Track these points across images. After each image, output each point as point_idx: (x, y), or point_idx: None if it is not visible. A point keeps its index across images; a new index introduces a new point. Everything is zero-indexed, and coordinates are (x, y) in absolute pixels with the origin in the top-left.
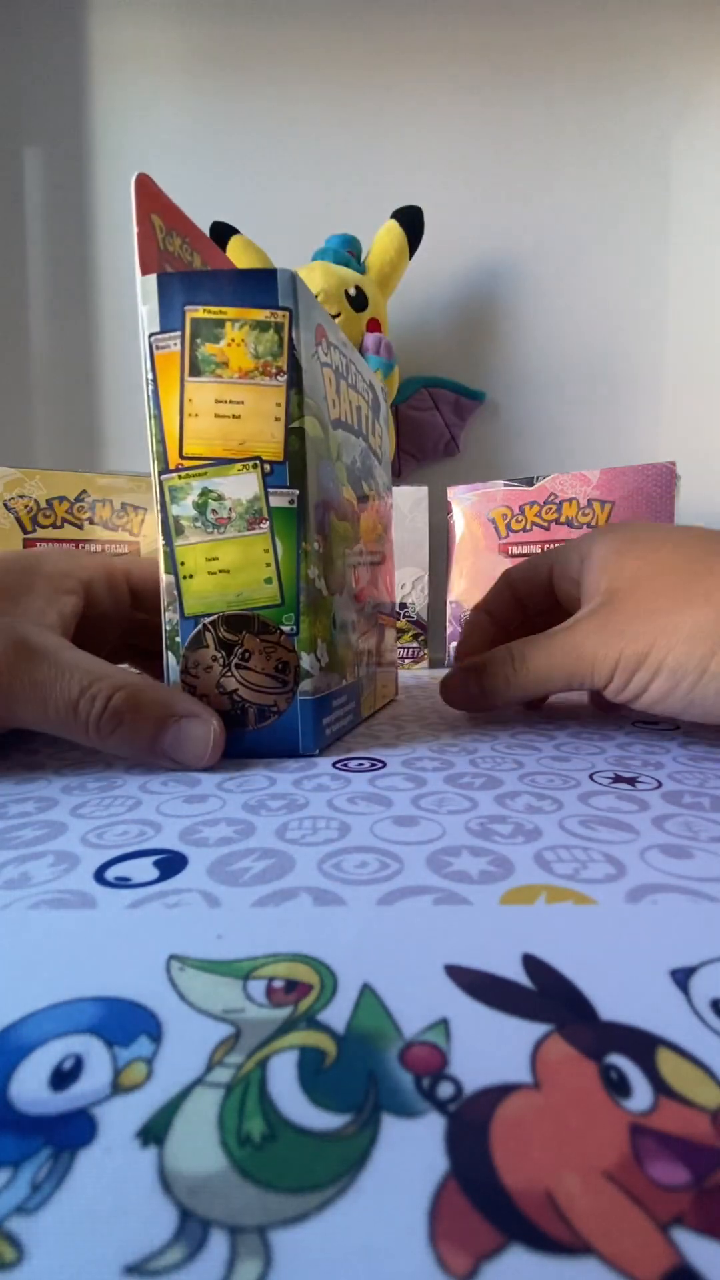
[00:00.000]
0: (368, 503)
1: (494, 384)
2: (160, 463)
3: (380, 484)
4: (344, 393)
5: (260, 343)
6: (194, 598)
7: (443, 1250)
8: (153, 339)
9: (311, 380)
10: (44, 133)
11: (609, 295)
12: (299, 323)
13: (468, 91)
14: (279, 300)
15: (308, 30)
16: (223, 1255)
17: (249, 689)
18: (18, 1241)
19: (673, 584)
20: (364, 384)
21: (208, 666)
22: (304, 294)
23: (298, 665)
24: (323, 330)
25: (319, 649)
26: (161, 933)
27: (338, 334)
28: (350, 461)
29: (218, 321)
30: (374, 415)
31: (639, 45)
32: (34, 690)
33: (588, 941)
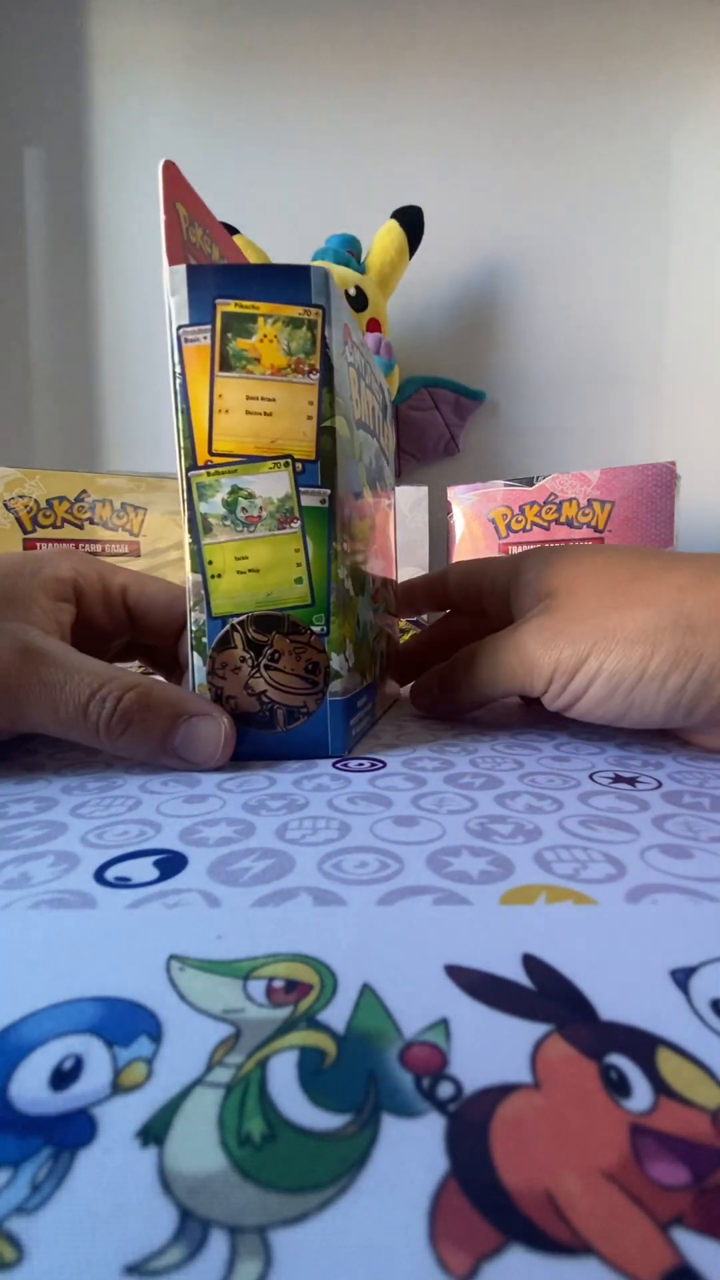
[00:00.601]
0: (379, 503)
1: (494, 384)
2: (188, 459)
3: (389, 484)
4: (363, 393)
5: (294, 339)
6: (222, 597)
7: (443, 1250)
8: (181, 331)
9: (340, 379)
10: (44, 133)
11: (609, 295)
12: (330, 321)
13: (468, 91)
14: (313, 297)
15: (308, 30)
16: (223, 1255)
17: (278, 690)
18: (18, 1241)
19: (609, 587)
20: (377, 384)
21: (235, 667)
22: (334, 292)
23: (328, 666)
24: (348, 330)
25: (347, 650)
26: (161, 933)
27: (358, 333)
28: (368, 462)
29: (250, 316)
30: (383, 415)
31: (639, 44)
32: (43, 692)
33: (588, 941)
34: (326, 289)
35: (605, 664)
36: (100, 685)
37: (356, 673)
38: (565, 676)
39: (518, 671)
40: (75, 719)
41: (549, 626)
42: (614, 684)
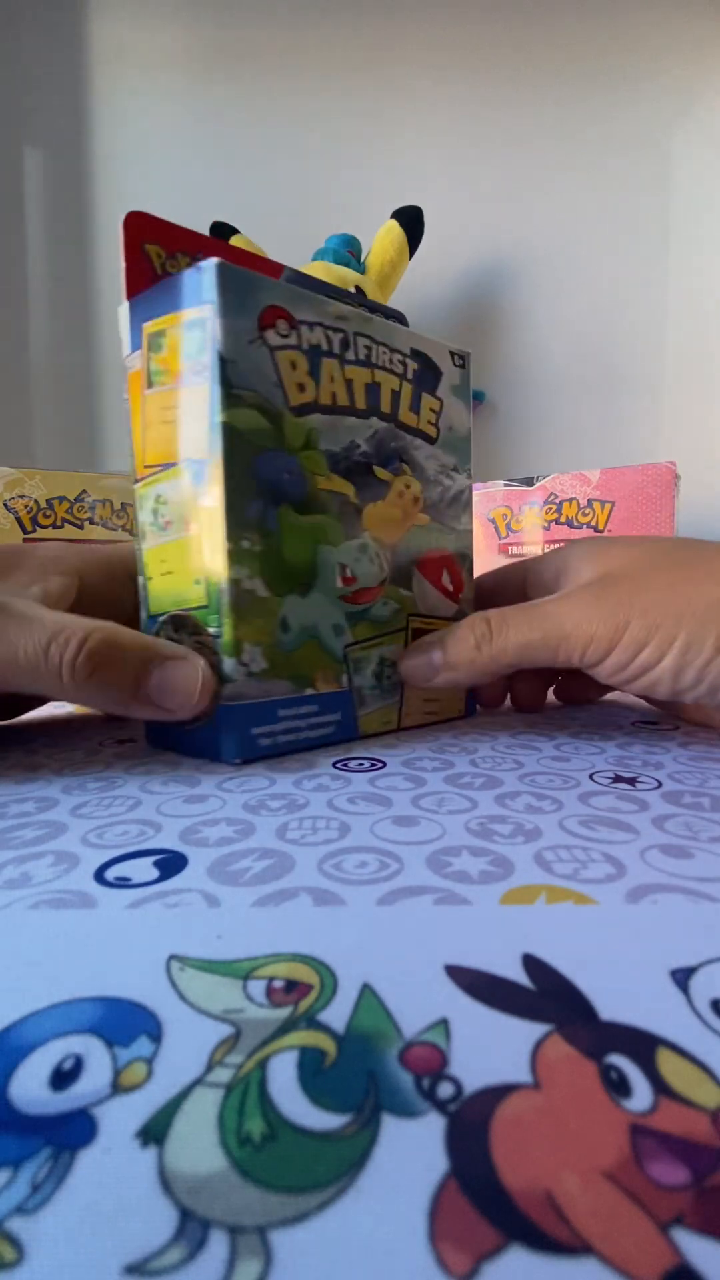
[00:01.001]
0: (386, 490)
1: (494, 384)
2: (132, 474)
3: (428, 469)
4: (331, 372)
5: (190, 342)
6: (153, 598)
7: (443, 1250)
8: (126, 361)
9: (249, 369)
10: (44, 133)
11: (609, 295)
12: (228, 312)
13: (468, 92)
14: (203, 296)
15: (308, 30)
16: (223, 1255)
17: None
18: (18, 1241)
19: (670, 565)
20: (395, 356)
21: None
22: (238, 280)
23: (220, 669)
24: (280, 311)
25: (247, 653)
26: (161, 933)
27: (323, 309)
28: (342, 447)
29: (162, 331)
30: (419, 388)
31: (639, 45)
32: (4, 645)
33: (588, 941)
34: (220, 281)
35: (680, 637)
36: (61, 629)
37: (277, 679)
38: (631, 648)
39: (566, 638)
40: (36, 662)
41: (613, 596)
42: (687, 658)
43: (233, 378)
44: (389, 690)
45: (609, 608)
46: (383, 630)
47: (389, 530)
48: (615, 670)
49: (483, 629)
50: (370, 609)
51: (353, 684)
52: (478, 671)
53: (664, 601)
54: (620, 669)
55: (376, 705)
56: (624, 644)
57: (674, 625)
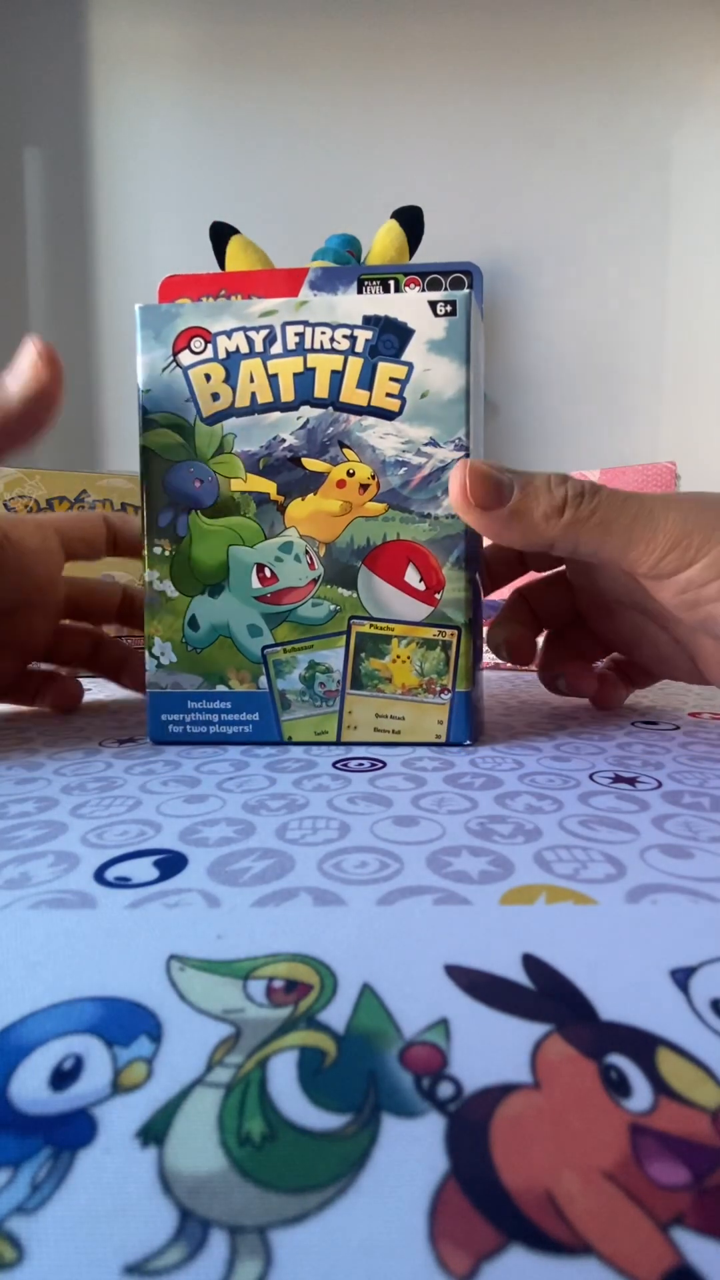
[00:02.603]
0: (319, 481)
1: (494, 384)
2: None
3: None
4: (249, 374)
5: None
6: None
7: (443, 1250)
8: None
9: (162, 394)
10: (44, 133)
11: (609, 295)
12: (146, 348)
13: (468, 92)
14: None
15: (308, 30)
16: (223, 1255)
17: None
18: (18, 1241)
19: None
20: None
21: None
22: (157, 316)
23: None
24: (195, 331)
25: (157, 647)
26: (161, 933)
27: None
28: (260, 445)
29: None
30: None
31: (639, 46)
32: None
33: (588, 941)
34: (140, 324)
35: None
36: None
37: (186, 673)
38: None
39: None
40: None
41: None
42: None
43: (148, 405)
44: (323, 698)
45: (710, 518)
46: (313, 633)
47: (323, 526)
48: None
49: (574, 489)
50: (296, 609)
51: (274, 686)
52: (542, 534)
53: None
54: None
55: (305, 712)
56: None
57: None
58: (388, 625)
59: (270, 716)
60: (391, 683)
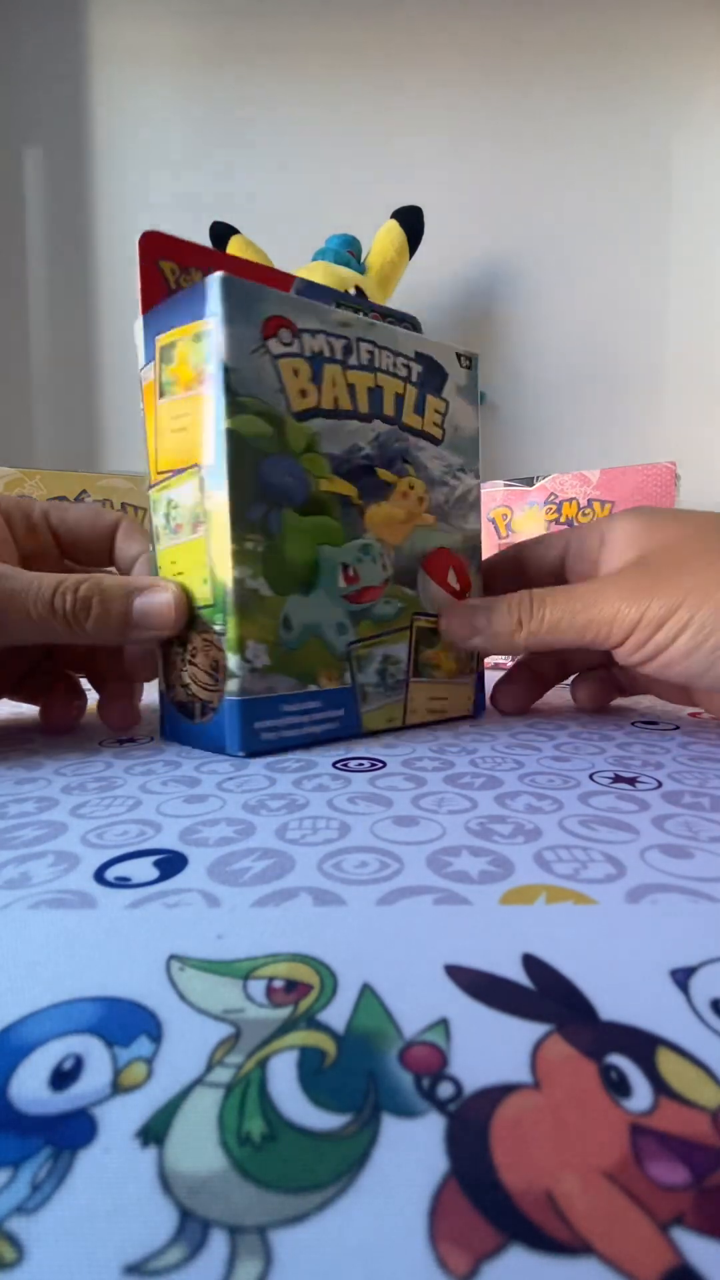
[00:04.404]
0: (390, 491)
1: (495, 384)
2: (147, 480)
3: (433, 469)
4: (334, 377)
5: (196, 354)
6: None
7: (443, 1250)
8: (140, 373)
9: (251, 377)
10: (44, 133)
11: (609, 295)
12: (232, 322)
13: (468, 92)
14: (207, 308)
15: (308, 30)
16: (223, 1255)
17: (196, 684)
18: (18, 1241)
19: (702, 550)
20: (398, 359)
21: (173, 661)
22: (242, 293)
23: (225, 665)
24: (282, 321)
25: (250, 650)
26: (161, 933)
27: (326, 316)
28: (344, 450)
29: (172, 343)
30: (425, 391)
31: (639, 46)
32: (12, 600)
33: (588, 941)
34: (223, 293)
35: (696, 617)
36: (59, 583)
37: (280, 674)
38: (650, 628)
39: (595, 621)
40: (46, 615)
41: (642, 580)
42: (702, 637)
43: (236, 386)
44: (393, 688)
45: (637, 592)
46: (386, 629)
47: (392, 530)
48: (633, 650)
49: (525, 604)
50: (373, 608)
51: (356, 681)
52: (515, 644)
53: (688, 585)
54: (636, 650)
55: (380, 702)
56: (643, 625)
57: (692, 607)
58: (435, 620)
59: (353, 710)
60: (440, 669)
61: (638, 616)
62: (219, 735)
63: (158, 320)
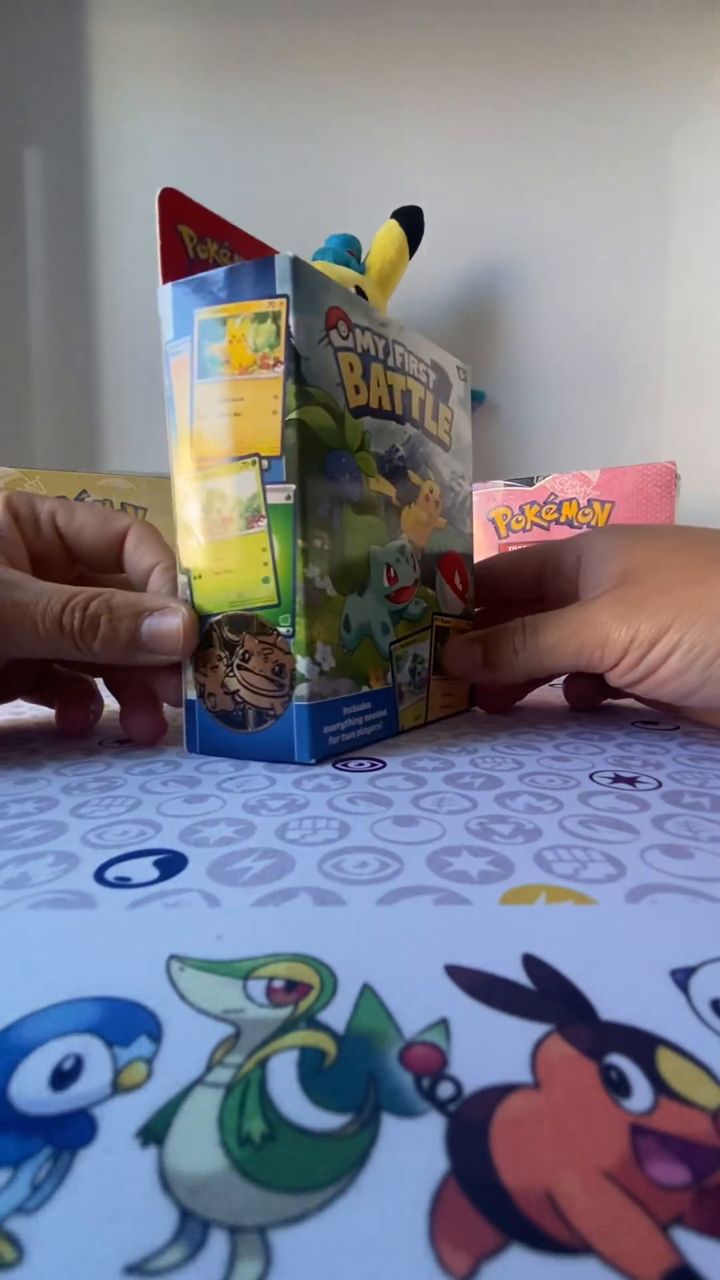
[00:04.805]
0: (417, 495)
1: (494, 384)
2: (175, 467)
3: (445, 474)
4: (378, 377)
5: (259, 335)
6: (202, 597)
7: (443, 1250)
8: (168, 346)
9: (318, 367)
10: (44, 133)
11: (609, 295)
12: (301, 308)
13: (468, 92)
14: (276, 288)
15: (308, 30)
16: (223, 1255)
17: (248, 690)
18: (18, 1241)
19: (687, 564)
20: (421, 365)
21: (214, 666)
22: (311, 278)
23: (294, 668)
24: (340, 313)
25: (319, 652)
26: (161, 933)
27: (372, 315)
28: (385, 450)
29: (220, 319)
30: (438, 398)
31: (639, 45)
32: (20, 613)
33: (588, 941)
34: (293, 277)
35: (686, 636)
36: (69, 598)
37: (342, 677)
38: (641, 649)
39: (587, 645)
40: (54, 631)
41: (630, 600)
42: (692, 657)
43: (306, 375)
44: (419, 686)
45: (627, 611)
46: (416, 628)
47: (419, 532)
48: (626, 671)
49: (519, 633)
50: (408, 607)
51: (395, 681)
52: (511, 674)
53: (676, 603)
54: (628, 671)
55: (411, 700)
56: (635, 646)
57: (682, 627)
58: (448, 619)
59: (394, 710)
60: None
61: (629, 638)
62: (283, 743)
63: (195, 292)
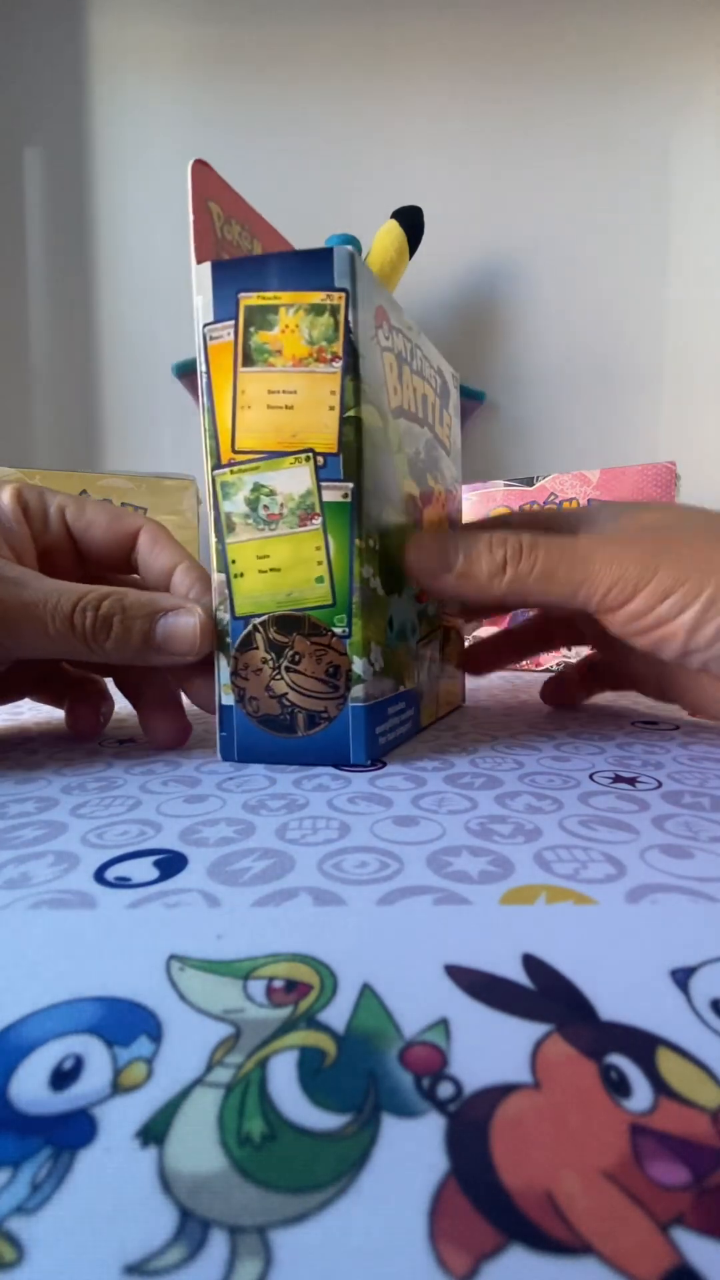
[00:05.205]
0: (432, 497)
1: (494, 384)
2: (213, 458)
3: (448, 477)
4: (407, 379)
5: (315, 327)
6: (244, 597)
7: (443, 1250)
8: (206, 329)
9: (370, 366)
10: (44, 133)
11: (609, 295)
12: (357, 304)
13: (468, 92)
14: (335, 280)
15: (308, 31)
16: (223, 1255)
17: (299, 693)
18: (18, 1241)
19: (704, 530)
20: (431, 370)
21: (257, 669)
22: (364, 273)
23: (349, 669)
24: (384, 312)
25: (373, 653)
26: (161, 933)
27: (401, 316)
28: (413, 453)
29: (271, 307)
30: (442, 404)
31: (639, 45)
32: (29, 613)
33: (588, 941)
34: (352, 270)
35: (707, 591)
36: (80, 597)
37: (387, 677)
38: (655, 596)
39: (591, 579)
40: (65, 632)
41: (640, 544)
42: (712, 614)
43: (363, 372)
44: (432, 684)
45: (643, 551)
46: (432, 628)
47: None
48: (631, 618)
49: (513, 547)
50: (427, 608)
51: (419, 680)
52: (492, 589)
53: (697, 557)
54: (637, 617)
55: (428, 700)
56: (650, 590)
57: (703, 578)
58: (452, 619)
59: (419, 709)
60: (452, 664)
61: (641, 578)
62: (337, 746)
63: (241, 274)
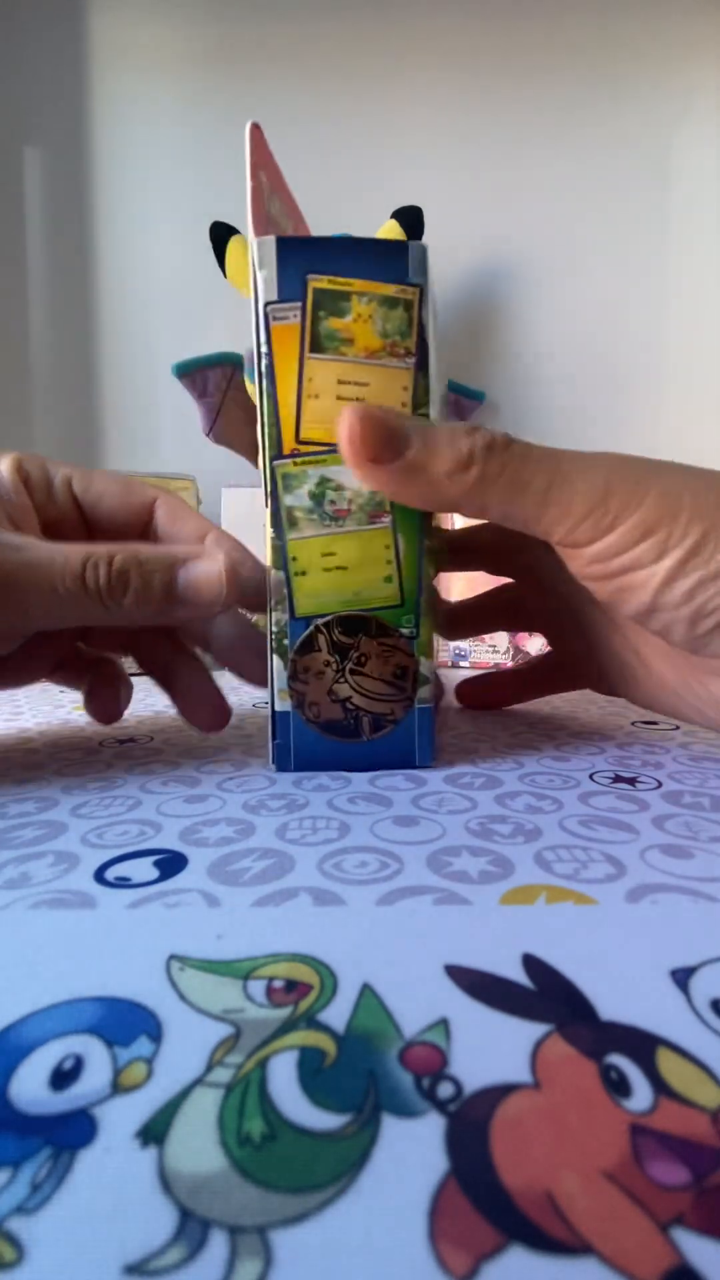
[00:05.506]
0: None
1: (494, 384)
2: (274, 447)
3: None
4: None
5: (389, 320)
6: (306, 596)
7: (443, 1250)
8: (270, 308)
9: (434, 364)
10: (44, 133)
11: (609, 295)
12: (426, 301)
13: (468, 91)
14: (410, 275)
15: (308, 30)
16: (223, 1255)
17: (364, 696)
18: (18, 1241)
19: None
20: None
21: (319, 672)
22: (430, 272)
23: (416, 671)
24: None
25: (435, 652)
26: (161, 933)
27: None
28: None
29: (344, 294)
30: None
31: (639, 45)
32: (36, 574)
33: (588, 941)
34: (424, 267)
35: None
36: (88, 553)
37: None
38: (635, 534)
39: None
40: (76, 591)
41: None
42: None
43: (431, 370)
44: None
45: (632, 479)
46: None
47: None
48: (599, 557)
49: (482, 441)
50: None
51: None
52: (443, 492)
53: (690, 501)
54: (606, 557)
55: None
56: (629, 525)
57: (690, 523)
58: None
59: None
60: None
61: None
62: (403, 749)
63: (309, 254)
